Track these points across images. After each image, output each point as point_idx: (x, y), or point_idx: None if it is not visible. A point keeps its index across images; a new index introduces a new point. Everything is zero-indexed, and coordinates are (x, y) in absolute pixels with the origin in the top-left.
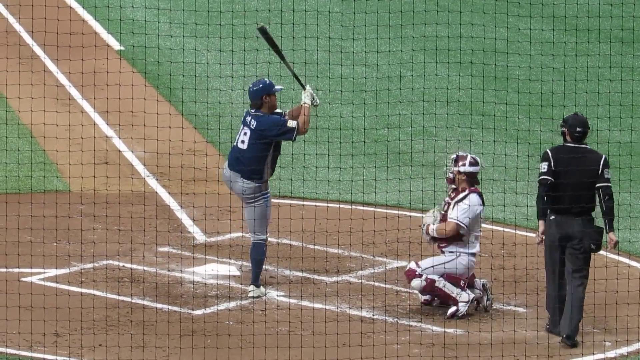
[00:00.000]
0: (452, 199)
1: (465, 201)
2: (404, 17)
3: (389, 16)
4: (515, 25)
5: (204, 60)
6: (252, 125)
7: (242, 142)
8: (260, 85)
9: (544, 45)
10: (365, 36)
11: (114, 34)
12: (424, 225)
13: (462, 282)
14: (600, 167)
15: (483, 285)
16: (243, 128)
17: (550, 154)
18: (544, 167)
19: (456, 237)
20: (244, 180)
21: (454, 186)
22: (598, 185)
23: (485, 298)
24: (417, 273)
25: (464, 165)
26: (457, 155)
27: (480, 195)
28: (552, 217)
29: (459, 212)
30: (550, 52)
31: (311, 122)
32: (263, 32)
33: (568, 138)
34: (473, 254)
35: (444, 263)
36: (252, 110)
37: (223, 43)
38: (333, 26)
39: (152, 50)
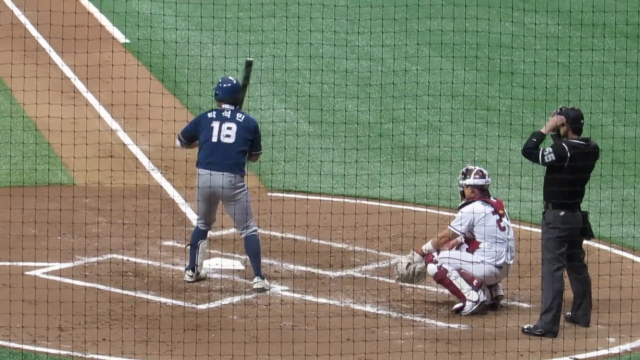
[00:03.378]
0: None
1: (463, 209)
2: (409, 11)
3: (394, 10)
4: (521, 20)
5: (209, 53)
6: (240, 119)
7: (227, 136)
8: (236, 82)
9: (549, 40)
10: (370, 30)
11: (119, 27)
12: (401, 263)
13: (475, 282)
14: (597, 157)
15: (498, 296)
16: (223, 123)
17: (567, 151)
18: (551, 157)
19: (475, 244)
20: (229, 174)
21: (464, 200)
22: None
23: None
24: (433, 259)
25: (469, 178)
26: (466, 169)
27: (492, 203)
28: (562, 213)
29: (454, 220)
30: (556, 46)
31: (316, 116)
32: (248, 65)
33: (570, 133)
34: (499, 266)
35: (465, 261)
36: (231, 107)
37: (228, 36)
38: (338, 20)
39: (157, 43)
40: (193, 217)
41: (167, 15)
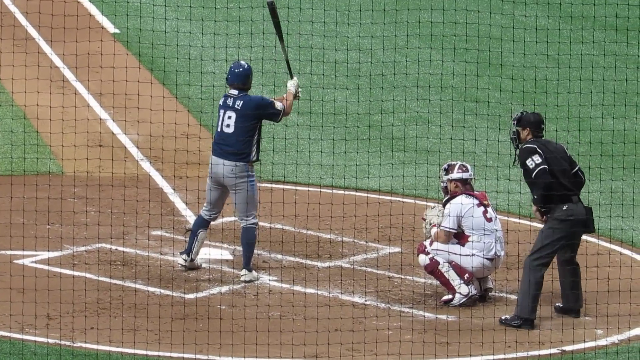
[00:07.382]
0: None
1: (448, 205)
2: (399, 3)
3: (383, 1)
4: (510, 12)
5: (198, 43)
6: (238, 106)
7: (227, 125)
8: (247, 67)
9: (539, 32)
10: (360, 21)
11: (109, 17)
12: (428, 224)
13: (466, 276)
14: (568, 151)
15: (487, 289)
16: (226, 112)
17: (536, 147)
18: (537, 158)
19: (465, 238)
20: (230, 163)
21: (448, 196)
22: (577, 169)
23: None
24: (425, 250)
25: (452, 173)
26: (448, 165)
27: (476, 195)
28: (565, 207)
29: (443, 218)
30: (545, 39)
31: (305, 107)
32: (271, 7)
33: (529, 137)
34: (490, 259)
35: (455, 254)
36: (235, 92)
37: (218, 27)
38: (328, 11)
39: (146, 33)
40: (181, 206)
41: (156, 5)
